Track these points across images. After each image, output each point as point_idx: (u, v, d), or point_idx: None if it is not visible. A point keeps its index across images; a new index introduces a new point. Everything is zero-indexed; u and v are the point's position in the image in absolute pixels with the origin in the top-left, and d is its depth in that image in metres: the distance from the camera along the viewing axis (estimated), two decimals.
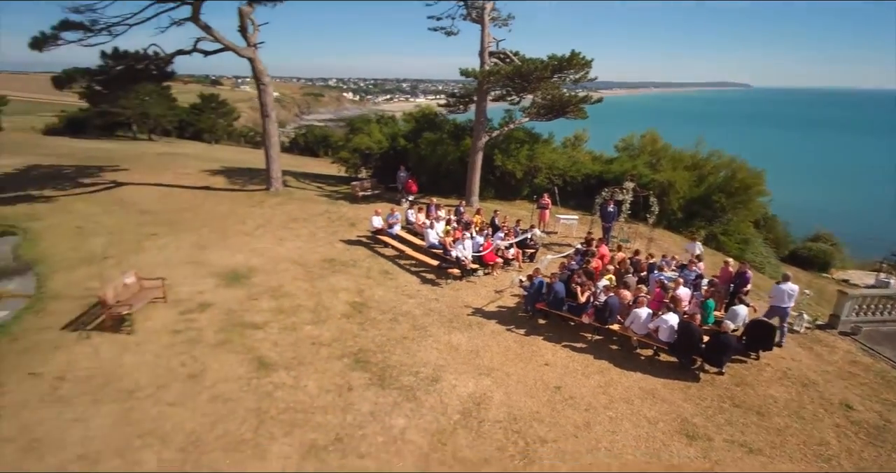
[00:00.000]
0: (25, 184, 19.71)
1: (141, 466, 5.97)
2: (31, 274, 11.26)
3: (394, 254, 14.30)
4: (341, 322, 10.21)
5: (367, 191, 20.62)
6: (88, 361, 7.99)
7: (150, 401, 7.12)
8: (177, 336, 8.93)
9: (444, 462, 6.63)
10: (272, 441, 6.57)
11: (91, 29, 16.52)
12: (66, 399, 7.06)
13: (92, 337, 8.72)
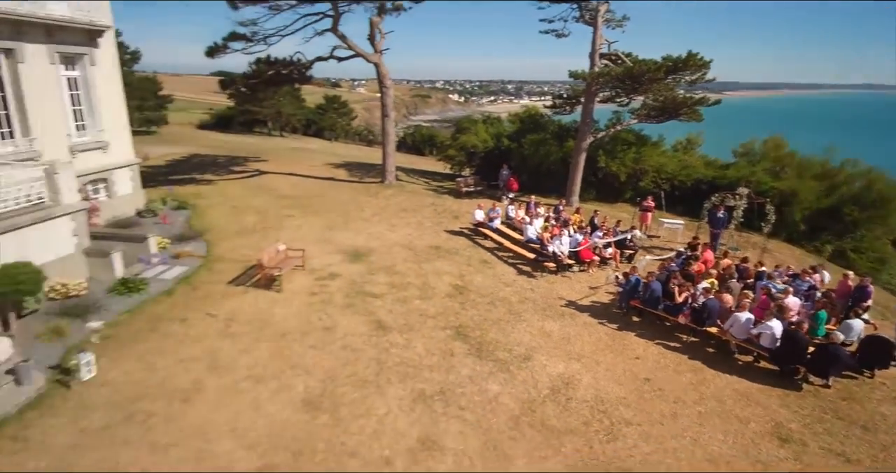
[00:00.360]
0: (189, 170, 23.76)
1: (291, 389, 7.55)
2: (201, 240, 13.91)
3: (493, 246, 15.24)
4: (444, 300, 11.36)
5: (470, 187, 21.81)
6: (249, 309, 9.96)
7: (297, 343, 8.80)
8: (314, 297, 10.71)
9: (532, 425, 7.40)
10: (389, 385, 7.85)
11: (251, 39, 19.57)
12: (235, 335, 8.98)
13: (250, 292, 10.78)
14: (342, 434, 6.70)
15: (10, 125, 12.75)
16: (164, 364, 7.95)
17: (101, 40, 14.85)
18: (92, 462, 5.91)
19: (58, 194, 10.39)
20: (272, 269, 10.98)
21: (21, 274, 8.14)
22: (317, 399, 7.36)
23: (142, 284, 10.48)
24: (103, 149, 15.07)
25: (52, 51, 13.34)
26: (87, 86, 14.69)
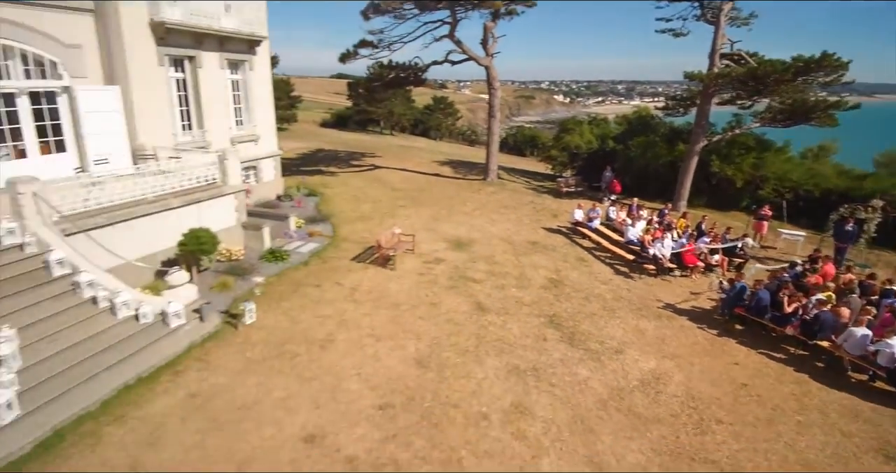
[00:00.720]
0: (316, 162, 26.69)
1: (404, 348, 8.76)
2: (328, 223, 15.91)
3: (590, 246, 15.48)
4: (539, 291, 11.98)
5: (570, 188, 22.01)
6: (369, 282, 11.45)
7: (408, 313, 10.05)
8: (422, 277, 11.96)
9: (619, 410, 7.83)
10: (486, 357, 8.73)
11: (377, 46, 21.61)
12: (358, 301, 10.46)
13: (369, 268, 12.32)
14: (446, 389, 7.71)
15: (190, 119, 15.69)
16: (305, 318, 9.59)
17: (259, 49, 17.54)
18: (255, 383, 7.53)
19: (226, 176, 12.73)
20: (388, 250, 12.43)
21: (203, 236, 10.31)
22: (425, 359, 8.48)
23: (285, 255, 12.48)
24: (255, 142, 17.79)
25: (222, 58, 16.13)
26: (246, 87, 17.45)
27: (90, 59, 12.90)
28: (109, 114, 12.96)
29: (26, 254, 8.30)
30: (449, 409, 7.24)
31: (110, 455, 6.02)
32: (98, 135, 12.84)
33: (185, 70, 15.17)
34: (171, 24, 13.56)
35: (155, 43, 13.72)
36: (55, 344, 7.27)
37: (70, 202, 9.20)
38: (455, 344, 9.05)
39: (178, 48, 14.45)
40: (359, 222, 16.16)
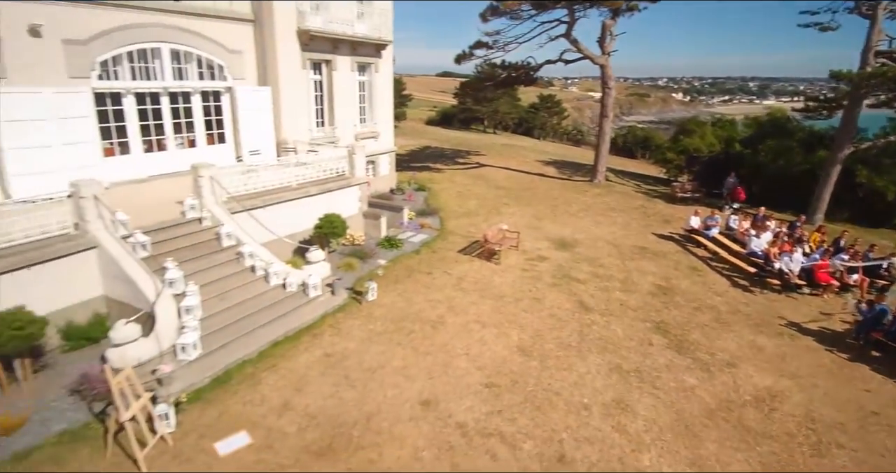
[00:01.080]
0: (424, 159, 28.25)
1: (508, 337, 9.40)
2: (436, 216, 17.04)
3: (706, 255, 14.88)
4: (646, 297, 11.93)
5: (686, 193, 21.06)
6: (474, 274, 12.26)
7: (512, 305, 10.68)
8: (525, 273, 12.52)
9: (727, 420, 7.76)
10: (589, 353, 9.08)
11: (492, 47, 22.40)
12: (465, 290, 11.30)
13: (475, 261, 13.13)
14: (548, 378, 8.23)
15: (322, 117, 17.68)
16: (418, 300, 10.64)
17: (384, 52, 19.18)
18: (378, 351, 8.66)
19: (353, 169, 14.30)
20: (494, 245, 13.15)
21: (336, 221, 11.82)
22: (528, 348, 9.05)
23: (399, 243, 13.74)
24: (375, 138, 19.50)
25: (353, 61, 17.92)
26: (371, 88, 19.19)
27: (248, 63, 15.20)
28: (261, 111, 15.17)
29: (203, 227, 10.26)
30: (551, 395, 7.75)
31: (267, 394, 7.42)
32: (252, 129, 15.11)
33: (321, 72, 17.16)
34: (314, 32, 15.47)
35: (300, 48, 15.74)
36: (224, 302, 8.98)
37: (234, 186, 11.12)
38: (557, 338, 9.51)
39: (318, 53, 16.41)
40: (464, 217, 17.08)
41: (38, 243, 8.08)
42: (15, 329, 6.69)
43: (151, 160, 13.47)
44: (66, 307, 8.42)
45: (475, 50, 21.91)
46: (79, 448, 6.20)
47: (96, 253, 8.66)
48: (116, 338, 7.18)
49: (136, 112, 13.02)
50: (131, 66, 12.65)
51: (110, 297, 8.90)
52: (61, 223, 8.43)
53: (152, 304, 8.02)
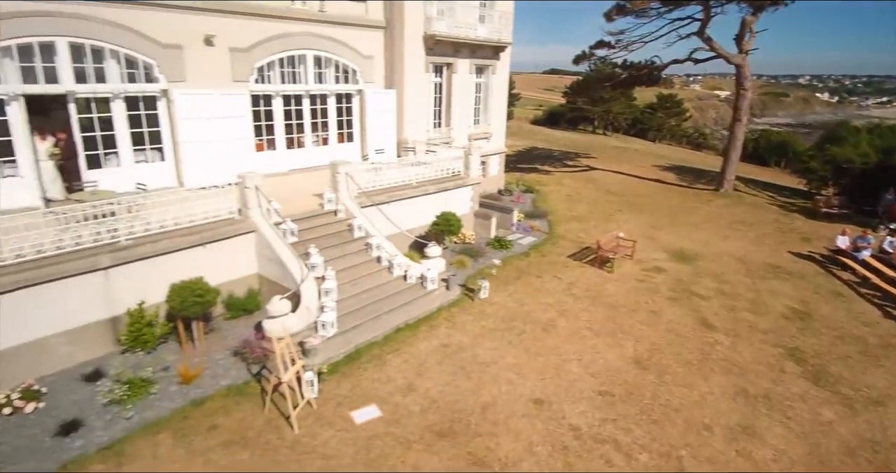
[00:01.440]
0: (531, 160, 28.40)
1: (622, 347, 9.43)
2: (545, 220, 17.22)
3: (853, 280, 13.50)
4: (779, 320, 11.16)
5: (831, 209, 19.06)
6: (585, 280, 12.33)
7: (626, 316, 10.64)
8: (640, 283, 12.32)
9: (871, 462, 7.16)
10: (711, 373, 8.83)
11: (614, 46, 21.96)
12: (576, 296, 11.45)
13: (585, 267, 13.17)
14: (666, 393, 8.17)
15: (439, 118, 18.64)
16: (528, 302, 11.01)
17: (502, 54, 19.69)
18: (490, 347, 9.19)
19: (468, 170, 15.00)
20: (607, 252, 13.08)
21: (452, 219, 12.58)
22: (644, 361, 9.03)
23: (508, 244, 14.20)
24: (487, 139, 20.12)
25: (471, 63, 18.66)
26: (487, 90, 19.82)
27: (377, 67, 16.54)
28: (387, 112, 16.46)
29: (337, 218, 11.52)
30: (669, 411, 7.71)
31: (392, 375, 8.27)
32: (377, 129, 16.45)
33: (441, 75, 18.12)
34: (439, 36, 16.40)
35: (425, 53, 16.78)
36: (355, 288, 10.07)
37: (364, 182, 12.29)
38: (677, 354, 9.34)
39: (440, 56, 17.36)
40: (574, 222, 17.07)
41: (211, 225, 9.69)
42: (196, 295, 8.18)
43: (292, 156, 15.27)
44: (227, 281, 10.00)
45: (596, 50, 21.66)
46: (242, 401, 7.45)
47: (254, 236, 10.18)
48: (272, 311, 8.46)
49: (283, 112, 14.84)
50: (281, 71, 14.45)
51: (262, 275, 10.40)
52: (229, 209, 10.03)
53: (299, 284, 9.27)
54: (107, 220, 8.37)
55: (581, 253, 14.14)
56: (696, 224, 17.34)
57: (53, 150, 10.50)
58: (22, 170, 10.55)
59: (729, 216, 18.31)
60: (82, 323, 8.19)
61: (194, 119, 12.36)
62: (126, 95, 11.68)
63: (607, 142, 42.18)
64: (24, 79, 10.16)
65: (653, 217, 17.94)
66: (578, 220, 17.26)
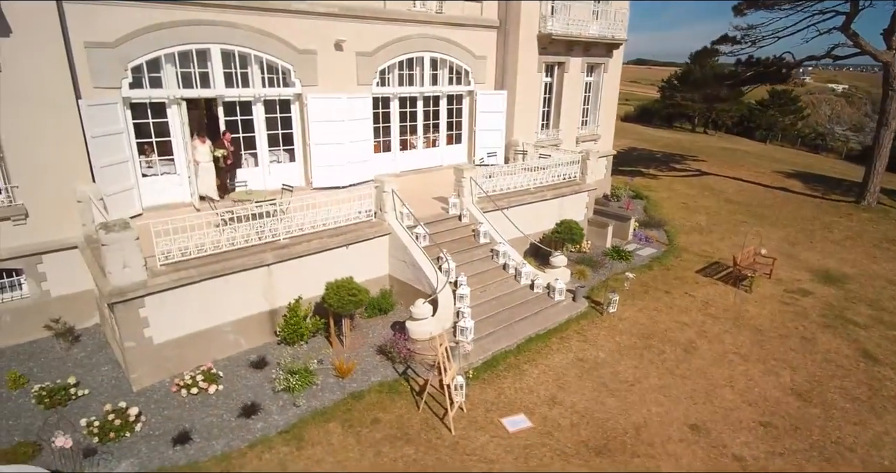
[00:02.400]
0: (633, 162, 27.96)
1: (778, 376, 9.36)
2: (661, 230, 17.07)
3: None
4: None
5: None
6: (721, 299, 12.23)
7: (775, 341, 10.50)
8: (786, 306, 12.04)
9: None
10: (884, 411, 8.58)
11: (739, 42, 21.25)
12: (714, 316, 11.42)
13: (718, 285, 13.04)
14: (836, 430, 8.07)
15: (547, 119, 18.96)
16: (662, 319, 11.14)
17: (615, 52, 19.67)
18: (630, 365, 9.45)
19: (584, 175, 15.23)
20: (745, 269, 12.86)
21: (574, 227, 12.92)
22: (805, 393, 8.92)
23: (628, 255, 14.29)
24: (595, 141, 20.19)
25: (583, 62, 18.81)
26: (597, 89, 19.88)
27: (489, 67, 17.14)
28: (496, 114, 17.04)
29: (462, 223, 12.21)
30: (843, 450, 7.64)
31: (532, 386, 8.77)
32: (486, 131, 17.07)
33: (553, 75, 18.44)
34: (556, 36, 16.73)
35: (538, 52, 17.18)
36: (485, 294, 10.69)
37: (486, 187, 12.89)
38: (841, 387, 9.13)
39: (553, 55, 17.68)
40: (695, 233, 16.80)
41: (353, 226, 10.66)
42: (350, 294, 9.10)
43: (405, 157, 16.22)
44: (364, 281, 10.94)
45: (719, 45, 21.07)
46: (396, 399, 8.24)
47: (389, 238, 11.06)
48: (417, 314, 9.23)
49: (398, 114, 15.80)
50: (399, 73, 15.40)
51: (393, 276, 11.28)
52: (367, 211, 10.96)
53: (436, 289, 10.00)
54: (268, 220, 9.49)
55: (710, 269, 13.97)
56: (838, 241, 16.50)
57: (221, 152, 11.92)
58: (178, 168, 12.10)
59: (876, 233, 17.23)
60: (248, 314, 9.36)
61: (324, 122, 13.52)
62: (265, 99, 13.01)
63: (711, 142, 40.51)
64: (182, 83, 11.64)
65: (786, 231, 17.27)
66: (700, 232, 16.96)
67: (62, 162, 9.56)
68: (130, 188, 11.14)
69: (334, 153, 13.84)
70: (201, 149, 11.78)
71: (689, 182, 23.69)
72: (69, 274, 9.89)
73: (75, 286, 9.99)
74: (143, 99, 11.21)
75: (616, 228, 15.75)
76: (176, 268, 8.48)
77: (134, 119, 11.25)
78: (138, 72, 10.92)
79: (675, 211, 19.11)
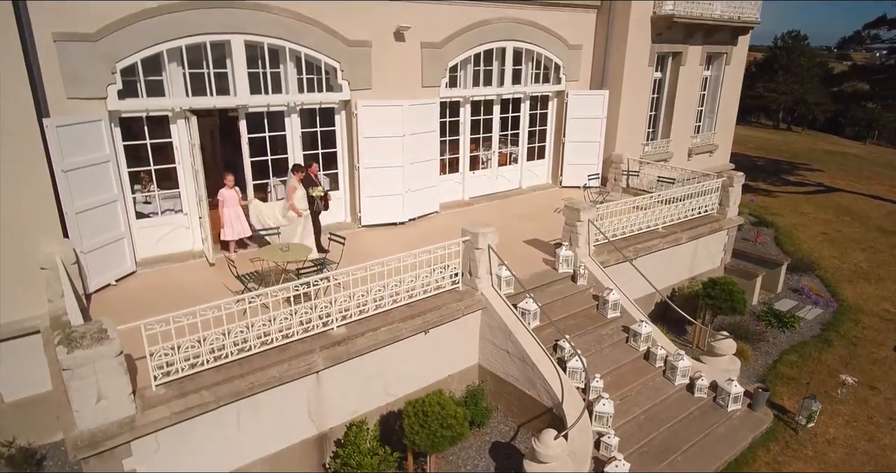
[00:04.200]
0: None
1: None
2: (813, 275, 13.91)
3: None
4: None
5: None
6: None
7: None
8: None
9: None
10: None
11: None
12: None
13: None
14: None
15: (654, 126, 15.95)
16: (888, 441, 8.10)
17: (741, 38, 16.56)
18: None
19: (726, 207, 12.21)
20: None
21: (733, 289, 9.89)
22: None
23: (793, 321, 11.22)
24: (711, 153, 17.11)
25: (703, 51, 15.74)
26: (716, 86, 16.79)
27: (584, 60, 14.24)
28: (593, 121, 14.14)
29: (578, 287, 9.35)
30: None
31: None
32: (578, 144, 14.20)
33: (665, 69, 15.43)
34: (678, 17, 13.71)
35: (650, 39, 14.20)
36: (624, 404, 7.83)
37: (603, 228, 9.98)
38: None
39: (668, 44, 14.68)
40: (860, 281, 13.64)
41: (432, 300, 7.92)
42: (444, 426, 6.36)
43: (475, 180, 13.50)
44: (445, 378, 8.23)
45: (875, 29, 17.71)
46: None
47: (482, 315, 8.30)
48: (543, 455, 6.41)
49: (469, 123, 13.04)
50: (475, 69, 12.63)
51: (486, 369, 8.53)
52: (453, 276, 8.22)
53: (558, 399, 7.22)
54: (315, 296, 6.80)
55: None
56: None
57: (318, 191, 9.43)
58: (185, 204, 9.60)
59: None
60: (285, 445, 6.74)
61: (378, 138, 10.89)
62: (302, 108, 10.42)
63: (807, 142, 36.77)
64: (191, 90, 9.08)
65: None
66: (866, 279, 13.79)
67: (16, 211, 7.04)
68: (120, 237, 8.64)
69: (390, 178, 11.18)
70: (301, 191, 9.15)
71: (816, 201, 20.38)
72: (27, 371, 7.39)
73: (37, 386, 7.47)
74: (139, 112, 8.73)
75: (765, 278, 12.65)
76: (181, 390, 5.86)
77: (125, 140, 8.76)
78: (131, 74, 8.44)
79: (818, 245, 15.92)
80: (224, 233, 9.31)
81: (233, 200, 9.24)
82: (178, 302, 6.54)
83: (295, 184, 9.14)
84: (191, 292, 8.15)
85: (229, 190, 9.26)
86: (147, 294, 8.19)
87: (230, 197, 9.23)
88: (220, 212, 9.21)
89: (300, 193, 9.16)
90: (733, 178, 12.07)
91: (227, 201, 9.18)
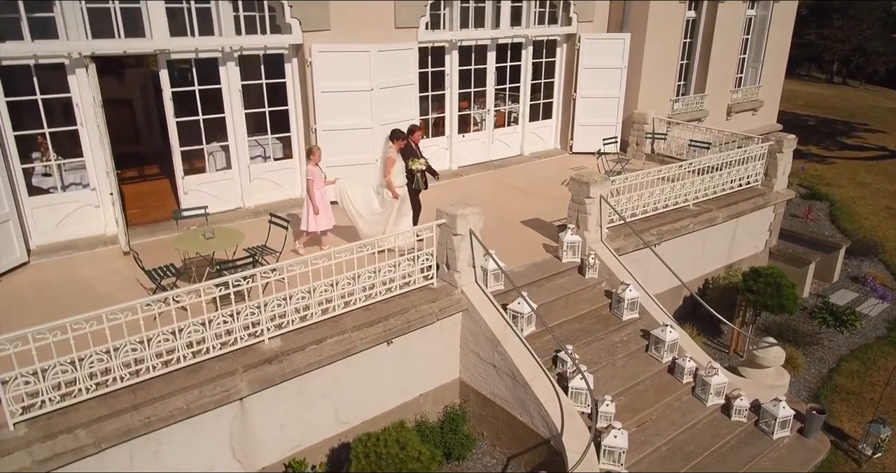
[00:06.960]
0: None
1: None
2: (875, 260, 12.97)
3: None
4: None
5: None
6: None
7: None
8: None
9: None
10: None
11: None
12: None
13: None
14: None
15: (686, 79, 14.78)
16: None
17: None
18: None
19: (772, 178, 11.15)
20: None
21: (783, 283, 8.91)
22: None
23: (854, 318, 10.29)
24: (755, 111, 15.95)
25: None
26: (762, 30, 15.52)
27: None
28: (611, 71, 13.00)
29: (587, 281, 8.39)
30: None
31: None
32: (592, 100, 13.09)
33: (700, 8, 14.16)
34: None
35: None
36: (643, 433, 6.94)
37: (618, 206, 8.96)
38: None
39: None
40: None
41: (396, 301, 6.99)
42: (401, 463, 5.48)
43: (466, 144, 12.45)
44: (416, 397, 7.36)
45: None
46: None
47: (462, 318, 7.37)
48: None
49: (458, 75, 11.93)
50: (463, 6, 11.47)
51: (469, 385, 7.64)
52: (425, 270, 7.26)
53: (557, 430, 6.33)
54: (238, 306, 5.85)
55: None
56: None
57: (419, 164, 8.33)
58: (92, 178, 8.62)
59: None
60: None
61: (339, 92, 9.83)
62: (241, 54, 9.34)
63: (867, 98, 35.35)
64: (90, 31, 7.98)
65: None
66: None
67: None
68: (4, 220, 7.66)
69: (355, 143, 10.16)
70: (400, 164, 8.03)
71: (879, 169, 19.28)
72: None
73: None
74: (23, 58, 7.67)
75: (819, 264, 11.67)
76: (48, 430, 4.96)
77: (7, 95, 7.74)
78: (12, 9, 7.35)
79: (883, 223, 14.90)
80: (317, 222, 8.07)
81: (322, 180, 8.06)
82: (77, 305, 5.90)
83: (394, 155, 7.94)
84: (96, 290, 7.31)
85: (315, 166, 8.02)
86: (36, 292, 7.31)
87: (320, 175, 8.05)
88: (311, 193, 7.95)
89: (399, 166, 8.01)
90: (782, 142, 10.96)
91: (317, 181, 7.98)
